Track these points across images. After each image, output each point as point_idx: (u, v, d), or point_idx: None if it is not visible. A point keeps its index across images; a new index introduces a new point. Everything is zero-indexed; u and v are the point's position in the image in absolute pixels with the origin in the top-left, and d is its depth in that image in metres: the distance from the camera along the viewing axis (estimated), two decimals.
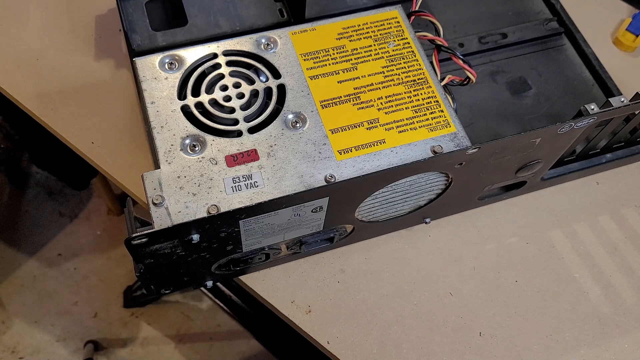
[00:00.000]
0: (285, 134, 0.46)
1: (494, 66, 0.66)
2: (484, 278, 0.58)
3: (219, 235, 0.44)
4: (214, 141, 0.45)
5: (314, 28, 0.51)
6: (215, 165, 0.44)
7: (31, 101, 0.64)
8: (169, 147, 0.45)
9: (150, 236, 0.40)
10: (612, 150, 0.60)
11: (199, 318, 1.25)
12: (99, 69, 0.44)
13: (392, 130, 0.47)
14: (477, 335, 0.55)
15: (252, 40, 0.50)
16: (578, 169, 0.60)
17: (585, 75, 0.67)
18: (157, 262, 0.44)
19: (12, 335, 1.21)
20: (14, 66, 0.66)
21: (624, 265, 0.60)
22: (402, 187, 0.49)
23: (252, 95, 0.47)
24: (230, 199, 0.43)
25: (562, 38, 0.69)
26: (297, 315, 0.54)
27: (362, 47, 0.51)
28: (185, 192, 0.43)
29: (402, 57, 0.51)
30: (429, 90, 0.49)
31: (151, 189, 0.43)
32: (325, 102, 0.48)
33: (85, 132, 0.62)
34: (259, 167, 0.44)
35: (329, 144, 0.46)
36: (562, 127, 0.47)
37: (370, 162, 0.45)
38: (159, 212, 0.42)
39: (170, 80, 0.47)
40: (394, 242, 0.59)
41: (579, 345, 0.56)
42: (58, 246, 1.30)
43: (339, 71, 0.49)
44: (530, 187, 0.59)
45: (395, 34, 0.52)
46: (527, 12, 0.71)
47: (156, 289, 0.50)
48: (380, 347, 0.54)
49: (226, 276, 0.54)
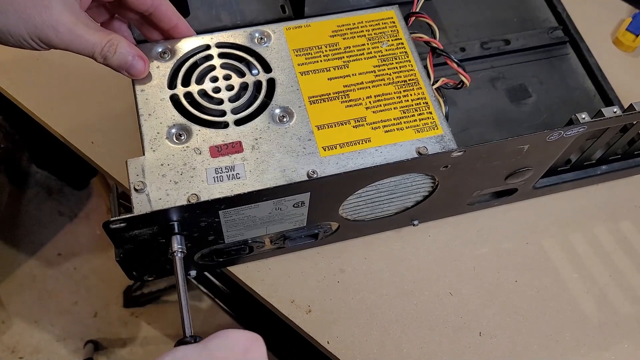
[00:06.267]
0: (271, 127, 0.46)
1: (495, 72, 0.66)
2: (483, 278, 0.58)
3: (199, 225, 0.45)
4: (199, 131, 0.46)
5: (308, 24, 0.51)
6: (199, 155, 0.45)
7: (31, 101, 0.64)
8: (155, 134, 0.45)
9: (128, 221, 0.40)
10: (608, 162, 0.60)
11: (199, 318, 1.25)
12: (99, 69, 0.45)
13: (378, 129, 0.47)
14: (477, 335, 0.55)
15: (246, 34, 0.50)
16: (572, 179, 0.60)
17: (587, 86, 0.66)
18: (137, 248, 0.45)
19: (12, 335, 1.21)
20: (14, 66, 0.66)
21: (624, 266, 0.60)
22: (387, 187, 0.49)
23: (242, 88, 0.48)
24: (211, 189, 0.43)
25: (566, 47, 0.68)
26: (297, 315, 0.55)
27: (355, 46, 0.51)
28: (168, 180, 0.43)
29: (394, 57, 0.50)
30: (419, 92, 0.49)
31: (134, 175, 0.43)
32: (314, 98, 0.48)
33: (85, 132, 0.63)
34: (242, 159, 0.45)
35: (314, 139, 0.46)
36: (551, 135, 0.47)
37: (354, 160, 0.45)
38: (139, 198, 0.43)
39: (162, 69, 0.48)
40: (394, 242, 0.59)
41: (579, 345, 0.56)
42: (58, 246, 1.30)
43: (330, 68, 0.49)
44: (522, 195, 0.59)
45: (389, 33, 0.52)
46: (533, 19, 0.70)
47: (138, 275, 0.50)
48: (380, 347, 0.54)
49: (210, 267, 0.54)
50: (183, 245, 0.43)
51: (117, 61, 0.44)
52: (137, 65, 0.45)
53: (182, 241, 0.43)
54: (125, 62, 0.45)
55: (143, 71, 0.46)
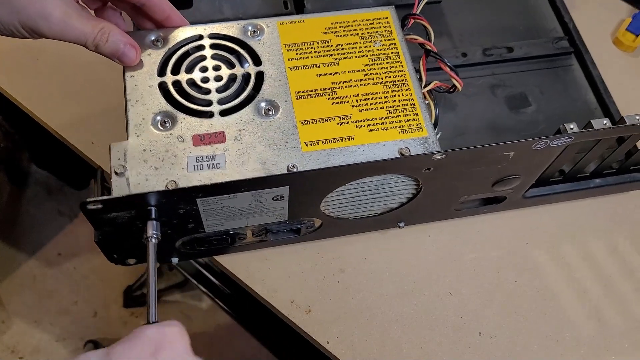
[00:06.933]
0: (255, 120, 0.46)
1: (496, 79, 0.65)
2: (483, 278, 0.58)
3: (178, 212, 0.45)
4: (184, 119, 0.46)
5: (302, 20, 0.52)
6: (181, 143, 0.45)
7: (31, 101, 0.64)
8: (140, 120, 0.46)
9: (104, 203, 0.41)
10: (603, 175, 0.59)
11: (199, 318, 1.24)
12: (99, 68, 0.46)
13: (362, 127, 0.47)
14: (477, 335, 0.55)
15: (240, 26, 0.50)
16: (565, 190, 0.59)
17: (589, 98, 0.65)
18: (116, 231, 0.45)
19: (12, 335, 1.20)
20: (14, 66, 0.67)
21: (624, 266, 0.60)
22: (370, 186, 0.49)
23: (230, 79, 0.48)
24: (190, 177, 0.44)
25: (570, 58, 0.67)
26: (297, 315, 0.55)
27: (347, 44, 0.51)
28: (148, 166, 0.44)
29: (385, 57, 0.50)
30: (407, 93, 0.49)
31: (116, 159, 0.44)
32: (301, 94, 0.48)
33: (85, 132, 0.63)
34: (224, 149, 0.45)
35: (297, 134, 0.46)
36: (537, 143, 0.46)
37: (335, 157, 0.45)
38: (119, 181, 0.43)
39: (153, 56, 0.48)
40: (394, 242, 0.59)
41: (579, 346, 0.55)
42: (58, 246, 1.30)
43: (320, 65, 0.49)
44: (511, 203, 0.58)
45: (383, 33, 0.52)
46: (539, 28, 0.70)
47: (119, 258, 0.51)
48: (380, 347, 0.54)
49: (192, 255, 0.54)
50: (158, 232, 0.43)
51: (109, 49, 0.45)
52: (129, 54, 0.46)
53: (158, 227, 0.43)
54: (117, 50, 0.45)
55: (134, 59, 0.47)
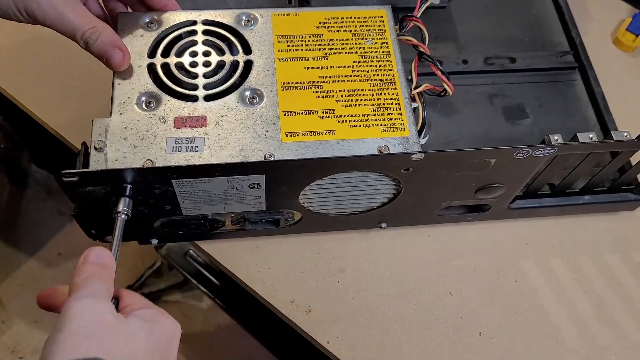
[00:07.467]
0: (239, 107, 0.47)
1: (495, 89, 0.65)
2: (483, 278, 0.58)
3: (154, 192, 0.45)
4: (168, 101, 0.47)
5: (297, 13, 0.52)
6: (163, 124, 0.46)
7: (31, 101, 0.65)
8: (125, 98, 0.46)
9: (80, 176, 0.42)
10: (593, 192, 0.58)
11: (199, 318, 1.24)
12: (99, 68, 0.47)
13: (345, 123, 0.47)
14: (477, 335, 0.55)
15: (234, 15, 0.51)
16: (552, 204, 0.58)
17: (588, 115, 0.64)
18: (92, 205, 0.46)
19: (12, 335, 1.20)
20: (14, 66, 0.67)
21: (624, 266, 0.60)
22: (349, 182, 0.49)
23: (219, 65, 0.49)
24: (167, 158, 0.44)
25: (574, 73, 0.66)
26: (297, 315, 0.55)
27: (339, 39, 0.51)
28: (128, 144, 0.45)
29: (376, 55, 0.50)
30: (393, 92, 0.49)
31: (97, 135, 0.45)
32: (287, 85, 0.48)
33: (85, 132, 0.64)
34: (204, 133, 0.45)
35: (278, 124, 0.46)
36: (519, 152, 0.46)
37: (314, 150, 0.46)
38: (97, 156, 0.44)
39: (146, 38, 0.49)
40: (394, 242, 0.59)
41: (578, 346, 0.55)
42: (58, 245, 1.29)
43: (309, 58, 0.50)
44: (496, 213, 0.58)
45: (376, 32, 0.52)
46: (545, 41, 0.69)
47: (97, 234, 0.52)
48: (380, 347, 0.54)
49: (171, 238, 0.55)
50: (129, 209, 0.44)
51: (97, 49, 0.45)
52: (116, 56, 0.46)
53: (130, 204, 0.44)
54: (105, 52, 0.45)
55: (121, 64, 0.46)
